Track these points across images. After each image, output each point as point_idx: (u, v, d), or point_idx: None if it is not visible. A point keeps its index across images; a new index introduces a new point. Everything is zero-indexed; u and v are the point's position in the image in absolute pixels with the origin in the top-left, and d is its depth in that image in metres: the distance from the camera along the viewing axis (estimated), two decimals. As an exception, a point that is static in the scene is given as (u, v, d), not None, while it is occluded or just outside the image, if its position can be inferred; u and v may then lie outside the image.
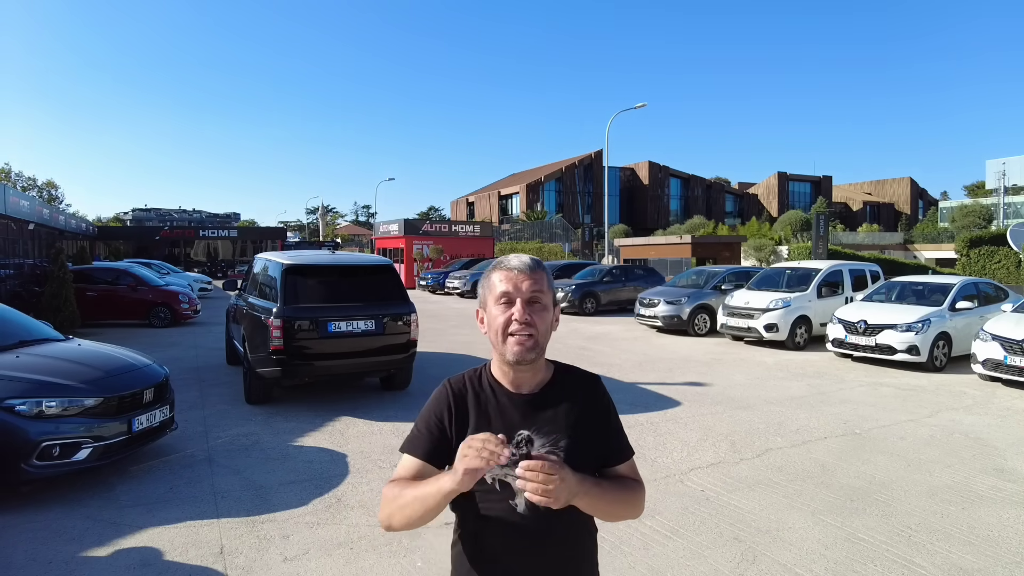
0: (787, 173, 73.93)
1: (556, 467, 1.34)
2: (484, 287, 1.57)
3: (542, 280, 1.53)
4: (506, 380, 1.57)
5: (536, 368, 1.57)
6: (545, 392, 1.58)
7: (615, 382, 9.28)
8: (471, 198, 74.26)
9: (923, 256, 42.69)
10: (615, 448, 1.64)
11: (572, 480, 1.37)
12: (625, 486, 1.60)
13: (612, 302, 19.67)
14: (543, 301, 1.52)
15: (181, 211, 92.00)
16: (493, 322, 1.52)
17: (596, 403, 1.64)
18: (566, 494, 1.36)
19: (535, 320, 1.49)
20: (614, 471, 1.62)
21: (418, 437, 1.57)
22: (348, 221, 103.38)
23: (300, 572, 3.78)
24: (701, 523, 4.49)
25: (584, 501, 1.44)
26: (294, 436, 6.49)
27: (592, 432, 1.59)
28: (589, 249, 45.24)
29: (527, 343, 1.48)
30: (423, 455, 1.54)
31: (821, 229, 22.16)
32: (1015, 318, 9.44)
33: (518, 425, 1.51)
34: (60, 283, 13.17)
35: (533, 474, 1.31)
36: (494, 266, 1.57)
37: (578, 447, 1.53)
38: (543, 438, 1.50)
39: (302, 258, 8.24)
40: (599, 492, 1.48)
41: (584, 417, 1.58)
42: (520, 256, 1.56)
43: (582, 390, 1.63)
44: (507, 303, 1.50)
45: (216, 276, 36.40)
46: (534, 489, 1.32)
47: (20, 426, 4.60)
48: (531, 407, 1.55)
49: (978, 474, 5.54)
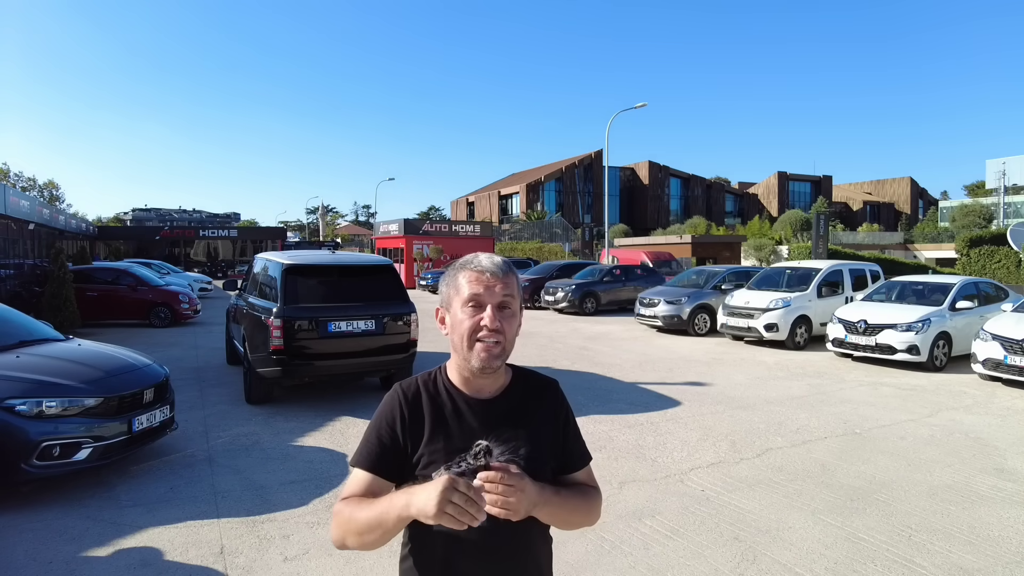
0: (787, 173, 73.89)
1: (516, 479, 1.30)
2: (450, 287, 1.48)
3: (513, 284, 1.46)
4: (464, 385, 1.50)
5: (498, 373, 1.50)
6: (504, 397, 1.52)
7: (615, 382, 9.28)
8: (471, 198, 74.23)
9: (923, 256, 42.68)
10: (574, 454, 1.60)
11: (532, 491, 1.33)
12: (583, 494, 1.56)
13: (612, 302, 19.67)
14: (512, 307, 1.46)
15: (181, 211, 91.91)
16: (459, 326, 1.44)
17: (556, 409, 1.59)
18: (526, 505, 1.32)
19: (504, 327, 1.43)
20: (572, 477, 1.58)
21: (368, 449, 1.47)
22: (348, 221, 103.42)
23: (300, 572, 3.78)
24: (701, 523, 4.49)
25: (544, 511, 1.41)
26: (294, 436, 6.49)
27: (552, 438, 1.55)
28: (589, 249, 45.21)
29: (495, 350, 1.42)
30: (375, 468, 1.44)
31: (821, 229, 22.15)
32: (1015, 318, 9.44)
33: (477, 432, 1.44)
34: (60, 283, 13.17)
35: (493, 486, 1.27)
36: (462, 265, 1.48)
37: (538, 454, 1.48)
38: (502, 445, 1.44)
39: (302, 258, 8.24)
40: (559, 501, 1.45)
41: (544, 423, 1.54)
42: (491, 256, 1.48)
43: (542, 395, 1.59)
44: (476, 307, 1.42)
45: (216, 276, 36.37)
46: (494, 501, 1.27)
47: (20, 426, 4.60)
48: (490, 413, 1.48)
49: (978, 474, 5.54)
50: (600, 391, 8.64)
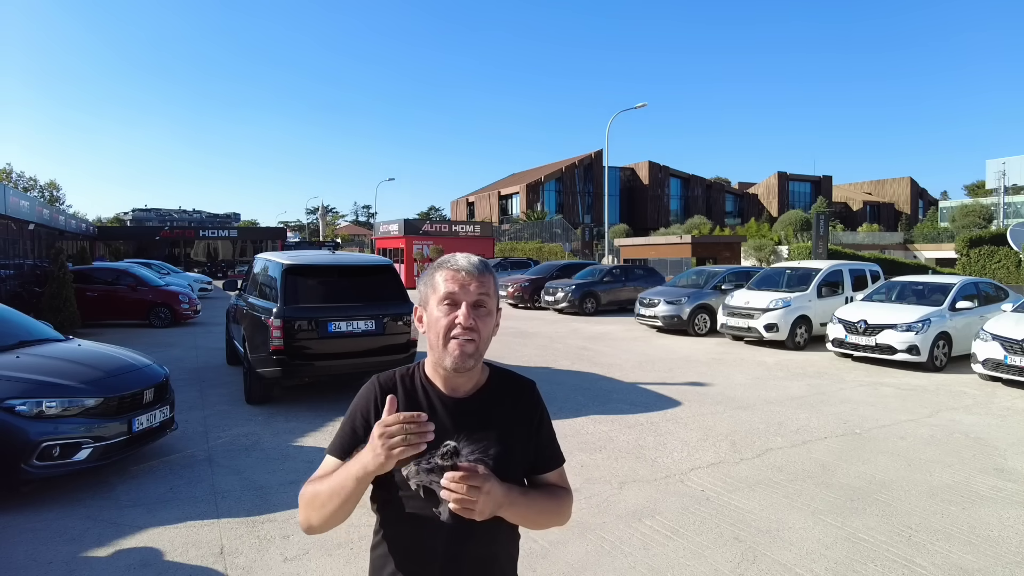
0: (787, 173, 73.85)
1: (481, 480, 1.31)
2: (427, 286, 1.50)
3: (489, 283, 1.47)
4: (440, 382, 1.51)
5: (473, 372, 1.50)
6: (479, 396, 1.53)
7: (615, 382, 9.28)
8: (471, 198, 74.22)
9: (923, 256, 42.66)
10: (546, 456, 1.61)
11: (498, 492, 1.35)
12: (553, 495, 1.57)
13: (612, 302, 19.67)
14: (488, 306, 1.47)
15: (181, 211, 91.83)
16: (434, 324, 1.45)
17: (531, 410, 1.60)
18: (491, 507, 1.33)
19: (479, 325, 1.43)
20: (543, 478, 1.60)
21: (342, 438, 1.51)
22: (348, 221, 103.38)
23: (300, 572, 3.78)
24: (701, 523, 4.49)
25: (510, 512, 1.42)
26: (294, 436, 6.49)
27: (524, 439, 1.55)
28: (589, 249, 45.24)
29: (468, 348, 1.42)
30: (346, 456, 1.46)
31: (821, 229, 22.15)
32: (1015, 318, 9.44)
33: (449, 430, 1.44)
34: (60, 283, 13.17)
35: (457, 486, 1.29)
36: (439, 264, 1.49)
37: (508, 455, 1.49)
38: (473, 444, 1.45)
39: (302, 258, 8.24)
40: (526, 503, 1.46)
41: (517, 424, 1.55)
42: (468, 256, 1.50)
43: (517, 396, 1.59)
44: (451, 305, 1.43)
45: (216, 276, 36.33)
46: (457, 501, 1.29)
47: (20, 426, 4.60)
48: (463, 411, 1.49)
49: (978, 474, 5.54)
50: (600, 391, 8.64)
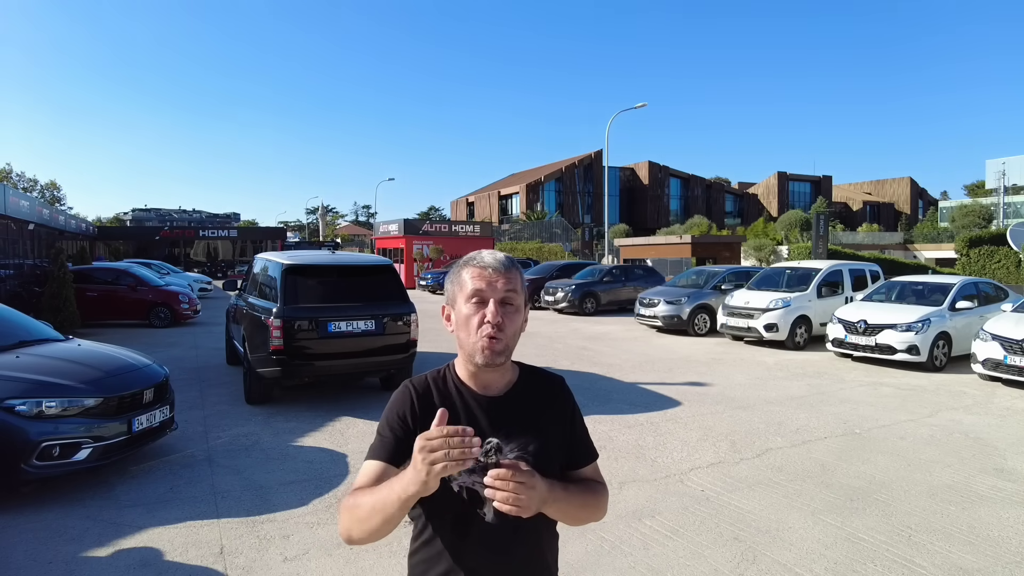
0: (787, 173, 73.82)
1: (527, 475, 1.30)
2: (454, 283, 1.49)
3: (516, 280, 1.46)
4: (472, 381, 1.51)
5: (504, 369, 1.51)
6: (512, 394, 1.53)
7: (615, 382, 9.28)
8: (471, 198, 74.18)
9: (923, 256, 42.66)
10: (581, 451, 1.61)
11: (543, 488, 1.34)
12: (591, 490, 1.58)
13: (612, 302, 19.67)
14: (515, 303, 1.46)
15: (181, 211, 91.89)
16: (463, 321, 1.44)
17: (563, 405, 1.61)
18: (537, 502, 1.32)
19: (506, 322, 1.43)
20: (578, 473, 1.60)
21: (381, 441, 1.47)
22: (348, 221, 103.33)
23: (300, 572, 3.78)
24: (701, 523, 4.49)
25: (553, 508, 1.41)
26: (294, 436, 6.49)
27: (559, 435, 1.56)
28: (589, 249, 45.24)
29: (497, 346, 1.42)
30: (387, 458, 1.43)
31: (821, 229, 22.16)
32: (1015, 318, 9.44)
33: (486, 429, 1.43)
34: (60, 283, 13.17)
35: (503, 483, 1.26)
36: (465, 262, 1.49)
37: (546, 451, 1.49)
38: (512, 443, 1.44)
39: (302, 258, 8.24)
40: (567, 498, 1.46)
41: (552, 420, 1.56)
42: (494, 253, 1.49)
43: (549, 392, 1.60)
44: (479, 302, 1.43)
45: (216, 276, 36.32)
46: (504, 498, 1.27)
47: (20, 426, 4.60)
48: (499, 409, 1.49)
49: (978, 474, 5.54)
50: (600, 391, 8.64)
